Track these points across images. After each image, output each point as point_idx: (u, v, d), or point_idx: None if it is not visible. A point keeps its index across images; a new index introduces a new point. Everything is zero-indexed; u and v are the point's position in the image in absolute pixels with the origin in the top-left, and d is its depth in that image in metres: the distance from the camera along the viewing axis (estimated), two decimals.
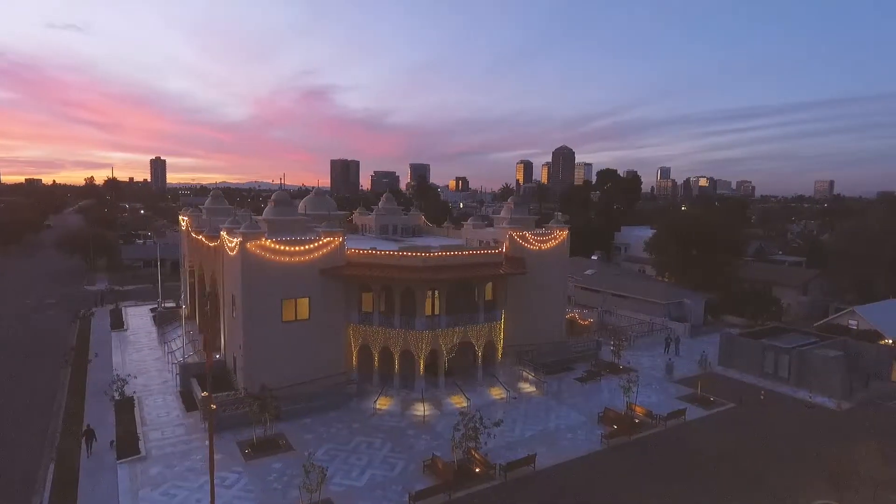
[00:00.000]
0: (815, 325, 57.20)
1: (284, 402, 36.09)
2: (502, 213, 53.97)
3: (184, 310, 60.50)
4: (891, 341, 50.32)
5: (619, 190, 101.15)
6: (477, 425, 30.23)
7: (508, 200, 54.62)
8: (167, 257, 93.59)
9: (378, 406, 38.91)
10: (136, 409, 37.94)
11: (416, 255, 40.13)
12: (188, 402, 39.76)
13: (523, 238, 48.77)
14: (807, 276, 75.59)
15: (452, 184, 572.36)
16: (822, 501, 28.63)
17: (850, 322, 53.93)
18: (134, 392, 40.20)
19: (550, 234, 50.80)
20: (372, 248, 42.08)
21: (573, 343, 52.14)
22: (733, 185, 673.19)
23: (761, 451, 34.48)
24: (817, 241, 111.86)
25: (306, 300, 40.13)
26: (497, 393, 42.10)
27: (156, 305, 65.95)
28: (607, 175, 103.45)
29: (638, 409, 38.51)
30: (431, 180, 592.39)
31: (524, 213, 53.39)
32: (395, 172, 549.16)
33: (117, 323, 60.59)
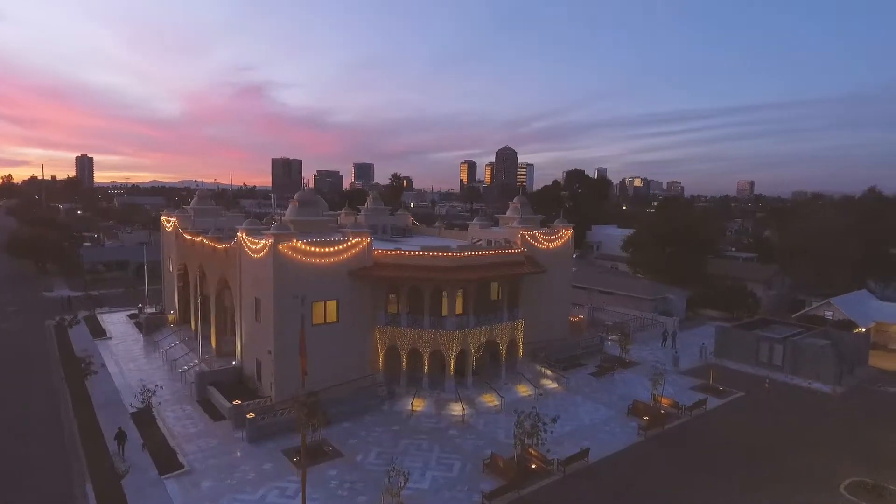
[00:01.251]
0: (794, 316, 61.37)
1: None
2: (509, 213, 54.66)
3: (171, 315, 57.60)
4: (864, 330, 54.68)
5: (589, 190, 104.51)
6: (536, 423, 30.64)
7: (514, 200, 55.36)
8: (130, 259, 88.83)
9: (413, 408, 38.62)
10: (159, 421, 35.98)
11: (447, 255, 40.12)
12: (211, 411, 38.06)
13: (534, 237, 49.62)
14: (769, 271, 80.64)
15: None
16: (856, 479, 30.97)
17: (826, 313, 58.19)
18: (159, 403, 37.98)
19: (557, 233, 51.93)
20: (397, 249, 41.70)
21: (580, 339, 53.52)
22: (664, 186, 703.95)
23: (784, 436, 36.79)
24: (766, 238, 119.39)
25: (335, 303, 39.30)
26: (523, 390, 42.70)
27: (136, 311, 62.43)
28: (576, 176, 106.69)
29: (664, 400, 40.12)
30: (375, 179, 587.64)
31: (529, 212, 54.26)
32: (338, 171, 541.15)
33: (98, 331, 56.87)
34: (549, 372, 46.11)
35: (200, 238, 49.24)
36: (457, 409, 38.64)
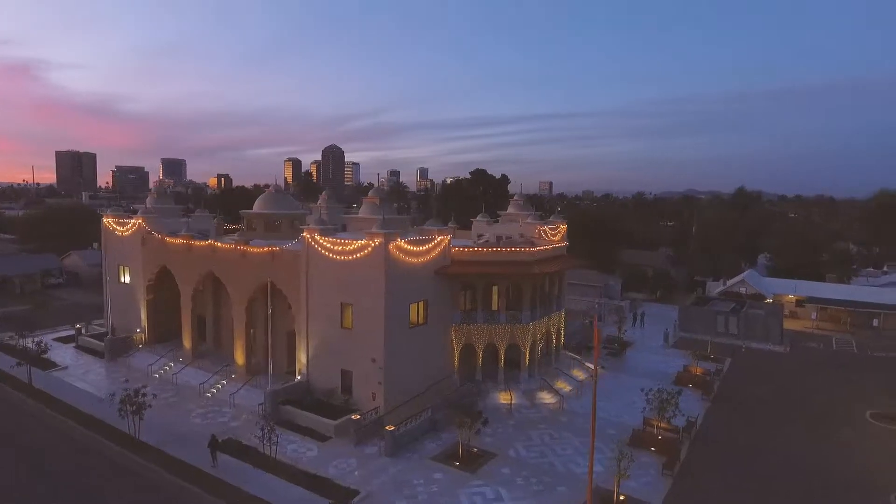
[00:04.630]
0: (717, 292, 73.52)
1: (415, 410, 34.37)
2: (511, 210, 56.82)
3: (138, 334, 48.75)
4: (771, 300, 68.15)
5: (492, 188, 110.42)
6: (667, 398, 33.93)
7: (515, 197, 57.63)
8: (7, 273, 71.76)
9: (510, 402, 39.21)
10: (262, 448, 31.41)
11: (524, 250, 41.31)
12: (301, 430, 34.39)
13: (544, 232, 52.70)
14: (659, 257, 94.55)
15: (213, 181, 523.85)
16: (874, 411, 39.96)
17: (741, 289, 71.00)
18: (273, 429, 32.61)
19: (557, 228, 55.61)
20: (470, 246, 41.65)
21: (578, 325, 58.02)
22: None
23: (790, 385, 45.27)
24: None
25: (423, 303, 38.07)
26: (578, 374, 45.66)
27: (73, 333, 51.31)
28: (481, 175, 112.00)
29: (696, 369, 46.31)
30: (189, 177, 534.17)
31: (531, 208, 57.16)
32: (143, 167, 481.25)
33: (42, 361, 45.65)
34: (578, 356, 49.68)
35: (210, 241, 42.95)
36: (546, 398, 40.24)
